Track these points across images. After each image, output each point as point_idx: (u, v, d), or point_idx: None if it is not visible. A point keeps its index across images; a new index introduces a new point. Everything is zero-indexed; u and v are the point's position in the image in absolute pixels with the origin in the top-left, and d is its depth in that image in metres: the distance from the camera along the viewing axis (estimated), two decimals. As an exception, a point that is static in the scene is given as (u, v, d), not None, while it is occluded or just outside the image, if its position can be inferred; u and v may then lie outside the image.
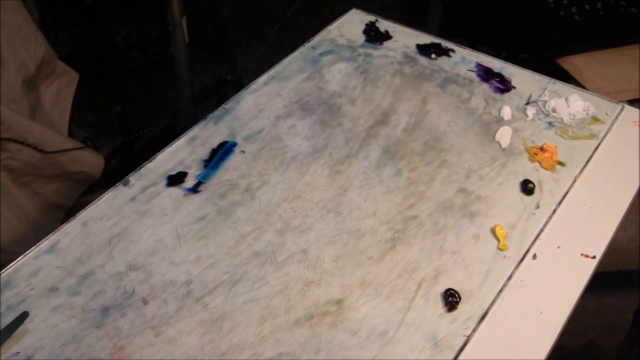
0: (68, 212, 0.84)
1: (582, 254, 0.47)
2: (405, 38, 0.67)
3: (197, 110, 1.23)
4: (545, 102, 0.59)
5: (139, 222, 0.49)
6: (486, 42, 1.13)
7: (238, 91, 0.62)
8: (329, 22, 0.70)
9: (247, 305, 0.44)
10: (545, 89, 0.61)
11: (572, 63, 1.04)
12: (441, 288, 0.44)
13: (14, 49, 0.73)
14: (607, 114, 0.58)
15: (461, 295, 0.44)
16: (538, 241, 0.48)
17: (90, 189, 0.86)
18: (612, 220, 0.49)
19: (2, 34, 0.71)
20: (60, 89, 0.86)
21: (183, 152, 0.55)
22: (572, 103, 0.58)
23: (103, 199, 0.51)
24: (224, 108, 0.59)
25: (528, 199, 0.51)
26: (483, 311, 0.43)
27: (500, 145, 0.55)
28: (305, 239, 0.48)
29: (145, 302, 0.44)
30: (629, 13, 1.13)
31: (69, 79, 0.88)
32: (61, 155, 0.77)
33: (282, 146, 0.55)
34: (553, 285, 0.45)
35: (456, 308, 0.43)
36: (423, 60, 0.65)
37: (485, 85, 0.61)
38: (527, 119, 0.58)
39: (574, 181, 0.52)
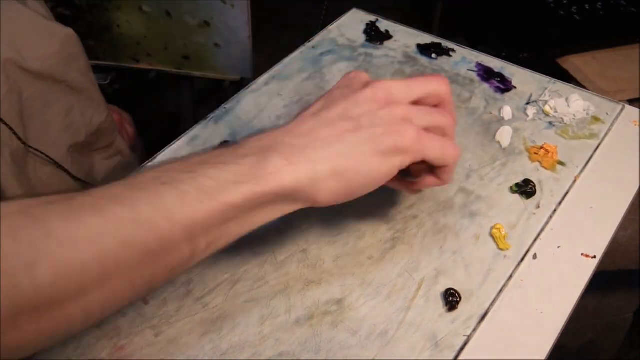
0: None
1: (582, 254, 0.47)
2: (405, 38, 0.67)
3: (197, 110, 1.23)
4: (546, 101, 0.59)
5: (139, 221, 0.49)
6: (486, 42, 1.13)
7: (238, 91, 0.62)
8: (329, 22, 0.70)
9: (248, 304, 0.44)
10: (546, 88, 0.61)
11: (572, 63, 1.04)
12: (441, 288, 0.44)
13: (70, 108, 0.70)
14: (607, 113, 0.58)
15: (461, 295, 0.44)
16: (538, 241, 0.48)
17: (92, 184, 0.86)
18: (613, 220, 0.49)
19: (60, 92, 0.69)
20: (117, 169, 0.81)
21: (183, 152, 0.55)
22: (572, 103, 0.58)
23: (103, 198, 0.51)
24: (225, 108, 0.59)
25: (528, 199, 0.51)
26: (483, 311, 0.43)
27: (501, 145, 0.55)
28: (305, 238, 0.48)
29: (145, 301, 0.44)
30: (629, 13, 1.13)
31: (129, 161, 0.83)
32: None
33: (283, 146, 0.55)
34: (553, 285, 0.45)
35: (456, 308, 0.43)
36: (423, 60, 0.65)
37: (485, 85, 0.61)
38: (528, 118, 0.58)
39: (575, 181, 0.52)
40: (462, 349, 0.41)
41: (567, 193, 0.51)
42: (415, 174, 0.44)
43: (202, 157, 0.37)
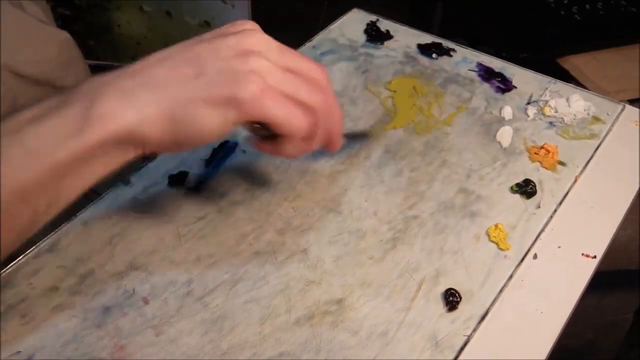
0: (68, 211, 0.84)
1: (582, 254, 0.47)
2: (406, 38, 0.67)
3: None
4: (546, 101, 0.59)
5: (139, 221, 0.49)
6: (486, 42, 1.13)
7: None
8: (329, 22, 0.70)
9: (248, 305, 0.44)
10: (546, 88, 0.61)
11: (572, 63, 1.04)
12: (442, 288, 0.44)
13: None
14: (608, 113, 0.58)
15: (462, 295, 0.44)
16: (539, 241, 0.48)
17: (92, 188, 0.86)
18: (613, 220, 0.49)
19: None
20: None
21: (183, 152, 0.55)
22: (573, 103, 0.58)
23: (104, 198, 0.51)
24: (225, 107, 0.59)
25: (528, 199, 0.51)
26: (484, 311, 0.43)
27: (501, 145, 0.55)
28: (305, 238, 0.48)
29: (145, 301, 0.44)
30: (629, 13, 1.13)
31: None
32: None
33: (283, 146, 0.55)
34: (554, 285, 0.45)
35: (457, 308, 0.43)
36: (424, 60, 0.65)
37: (486, 85, 0.61)
38: (528, 118, 0.58)
39: (575, 181, 0.52)
40: (462, 349, 0.41)
41: (567, 193, 0.51)
42: (252, 131, 0.42)
43: (30, 112, 0.34)
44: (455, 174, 0.53)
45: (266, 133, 0.41)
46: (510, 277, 0.45)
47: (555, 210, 0.50)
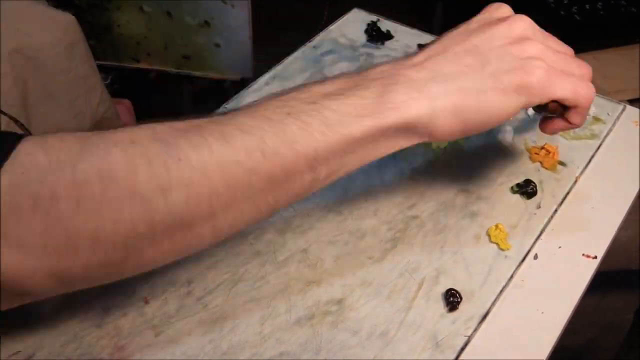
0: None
1: (583, 254, 0.47)
2: (406, 38, 0.67)
3: (197, 110, 1.23)
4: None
5: (139, 221, 0.49)
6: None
7: (239, 91, 0.62)
8: (330, 22, 0.70)
9: (248, 304, 0.44)
10: (546, 88, 0.61)
11: (572, 63, 1.04)
12: (442, 288, 0.44)
13: (75, 97, 0.70)
14: (608, 114, 0.58)
15: (462, 295, 0.44)
16: (539, 241, 0.48)
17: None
18: (614, 220, 0.49)
19: (64, 80, 0.68)
20: None
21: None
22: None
23: (103, 198, 0.51)
24: (225, 108, 0.59)
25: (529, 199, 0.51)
26: (484, 311, 0.43)
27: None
28: (305, 238, 0.48)
29: (145, 301, 0.44)
30: (630, 13, 1.13)
31: None
32: None
33: (283, 146, 0.55)
34: (554, 286, 0.45)
35: (457, 308, 0.43)
36: (424, 59, 0.65)
37: (486, 85, 0.61)
38: (529, 119, 0.58)
39: (575, 181, 0.52)
40: (462, 349, 0.41)
41: (567, 193, 0.51)
42: (551, 111, 0.43)
43: (324, 87, 0.37)
44: (456, 173, 0.53)
45: (546, 112, 0.43)
46: (511, 277, 0.45)
47: (555, 211, 0.50)
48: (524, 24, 0.40)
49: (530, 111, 0.58)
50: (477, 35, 0.40)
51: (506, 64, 0.38)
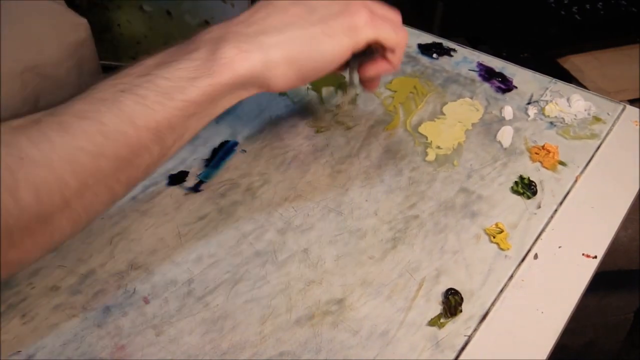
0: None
1: (583, 254, 0.47)
2: (406, 37, 0.67)
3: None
4: (547, 101, 0.59)
5: (140, 221, 0.49)
6: (487, 42, 1.13)
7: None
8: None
9: (248, 304, 0.44)
10: (547, 88, 0.61)
11: (572, 62, 1.04)
12: (442, 288, 0.44)
13: None
14: (608, 113, 0.58)
15: (462, 295, 0.44)
16: (539, 241, 0.48)
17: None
18: (614, 220, 0.49)
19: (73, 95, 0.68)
20: None
21: (184, 151, 0.55)
22: (573, 103, 0.58)
23: (104, 198, 0.51)
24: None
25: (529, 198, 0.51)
26: (484, 311, 0.43)
27: (502, 145, 0.55)
28: (306, 238, 0.48)
29: (146, 301, 0.44)
30: (630, 13, 1.13)
31: None
32: None
33: (283, 145, 0.55)
34: (554, 285, 0.45)
35: (457, 314, 0.43)
36: (424, 59, 0.65)
37: (486, 85, 0.61)
38: (529, 118, 0.58)
39: (576, 181, 0.52)
40: (462, 349, 0.41)
41: (568, 193, 0.51)
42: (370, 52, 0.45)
43: (156, 58, 0.38)
44: (456, 173, 0.53)
45: (363, 57, 0.45)
46: (511, 277, 0.45)
47: (555, 210, 0.50)
48: None
49: (530, 111, 0.58)
50: None
51: (332, 8, 0.40)
